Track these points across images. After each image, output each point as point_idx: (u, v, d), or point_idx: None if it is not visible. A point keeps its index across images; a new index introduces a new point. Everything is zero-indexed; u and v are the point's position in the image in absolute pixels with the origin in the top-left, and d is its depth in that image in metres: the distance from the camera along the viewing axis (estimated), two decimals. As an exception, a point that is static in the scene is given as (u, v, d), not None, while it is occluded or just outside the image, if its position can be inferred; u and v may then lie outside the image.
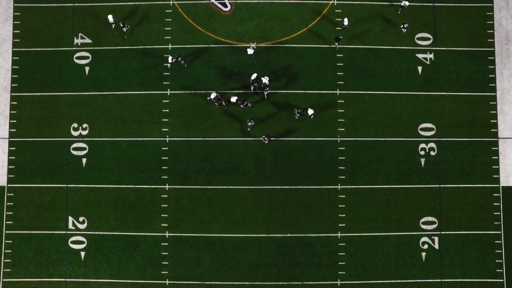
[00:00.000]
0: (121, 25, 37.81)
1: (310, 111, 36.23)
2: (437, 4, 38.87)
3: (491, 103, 37.83)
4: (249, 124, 36.65)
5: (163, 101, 37.58)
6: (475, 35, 38.54)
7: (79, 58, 38.25)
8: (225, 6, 38.55)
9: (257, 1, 38.62)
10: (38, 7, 38.92)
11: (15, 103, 38.02)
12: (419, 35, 38.49)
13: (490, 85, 38.02)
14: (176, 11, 38.63)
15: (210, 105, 37.52)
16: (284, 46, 38.00)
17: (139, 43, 38.18)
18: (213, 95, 36.39)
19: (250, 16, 38.39)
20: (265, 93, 37.01)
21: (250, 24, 38.30)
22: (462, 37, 38.51)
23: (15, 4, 39.09)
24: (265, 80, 36.41)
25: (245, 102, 36.80)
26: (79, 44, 38.45)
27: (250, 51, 37.25)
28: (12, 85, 38.14)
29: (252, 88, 37.44)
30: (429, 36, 38.55)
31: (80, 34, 38.56)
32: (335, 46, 38.00)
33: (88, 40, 38.52)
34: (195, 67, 37.88)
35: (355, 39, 38.05)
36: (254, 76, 36.76)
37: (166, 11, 38.63)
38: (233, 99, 36.62)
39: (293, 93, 37.53)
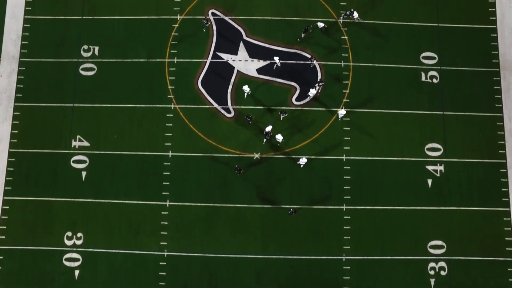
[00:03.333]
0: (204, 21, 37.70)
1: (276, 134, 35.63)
2: (447, 113, 37.85)
3: (504, 218, 36.31)
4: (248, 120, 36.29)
5: (162, 212, 35.87)
6: (486, 146, 37.20)
7: (76, 162, 36.76)
8: (229, 112, 37.30)
9: (261, 107, 37.68)
10: (38, 107, 37.71)
11: (7, 207, 36.22)
12: (429, 145, 37.16)
13: (503, 199, 36.63)
14: (178, 116, 37.33)
15: (211, 217, 35.81)
16: (289, 157, 36.93)
17: (138, 149, 36.81)
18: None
19: (254, 123, 37.23)
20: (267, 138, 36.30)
21: (254, 132, 37.10)
22: (473, 148, 37.20)
23: (15, 104, 38.13)
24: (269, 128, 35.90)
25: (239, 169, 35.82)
26: (76, 147, 37.01)
27: None
28: (6, 188, 36.59)
29: (264, 140, 36.38)
30: (439, 146, 37.33)
31: (78, 136, 37.20)
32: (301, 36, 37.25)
33: (86, 143, 37.09)
34: (196, 176, 36.40)
35: (363, 150, 36.74)
36: (269, 128, 35.82)
37: (167, 115, 37.40)
38: (268, 128, 35.76)
39: (297, 208, 35.88)
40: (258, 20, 38.88)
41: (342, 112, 36.92)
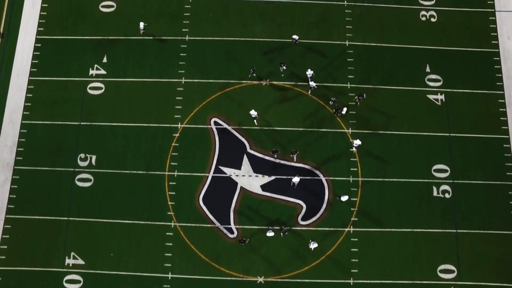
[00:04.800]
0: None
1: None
2: (460, 231, 35.94)
3: None
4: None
5: None
6: (504, 268, 35.10)
7: (69, 281, 34.59)
8: (232, 232, 35.46)
9: (265, 227, 35.52)
10: (30, 219, 35.86)
11: (-6, 333, 34.58)
12: (442, 266, 35.11)
13: (527, 330, 34.62)
14: (178, 235, 35.49)
15: None
16: (294, 281, 34.71)
17: (136, 269, 34.69)
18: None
19: (259, 245, 35.28)
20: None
21: (258, 254, 35.00)
22: (490, 270, 35.08)
23: (7, 216, 36.25)
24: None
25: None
26: (70, 265, 35.04)
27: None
28: (-10, 313, 34.94)
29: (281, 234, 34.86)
30: (453, 268, 35.30)
31: (72, 254, 35.24)
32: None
33: (80, 261, 35.11)
34: (197, 301, 34.89)
35: (372, 273, 34.60)
36: (270, 233, 34.43)
37: (167, 233, 35.62)
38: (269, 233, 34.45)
39: (304, 339, 34.20)
40: (263, 131, 37.51)
41: (357, 142, 36.09)
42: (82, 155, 37.39)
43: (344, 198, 35.40)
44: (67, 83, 39.12)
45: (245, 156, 36.92)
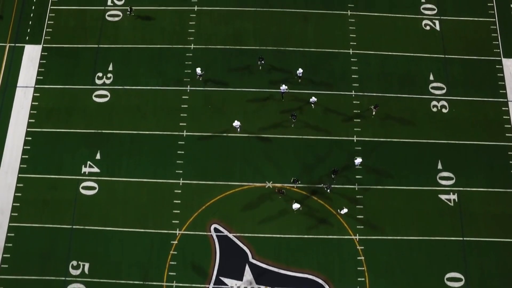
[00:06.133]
0: None
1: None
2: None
3: None
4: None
5: None
6: None
7: None
8: None
9: None
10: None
11: None
12: None
13: None
14: None
15: None
16: None
17: None
18: None
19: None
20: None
21: None
22: None
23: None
24: None
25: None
26: None
27: None
28: None
29: None
30: None
31: None
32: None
33: None
34: None
35: None
36: None
37: None
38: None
39: None
40: (266, 239, 35.22)
41: (358, 160, 35.88)
42: (74, 263, 35.04)
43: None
44: (59, 182, 36.88)
45: (247, 266, 34.66)
